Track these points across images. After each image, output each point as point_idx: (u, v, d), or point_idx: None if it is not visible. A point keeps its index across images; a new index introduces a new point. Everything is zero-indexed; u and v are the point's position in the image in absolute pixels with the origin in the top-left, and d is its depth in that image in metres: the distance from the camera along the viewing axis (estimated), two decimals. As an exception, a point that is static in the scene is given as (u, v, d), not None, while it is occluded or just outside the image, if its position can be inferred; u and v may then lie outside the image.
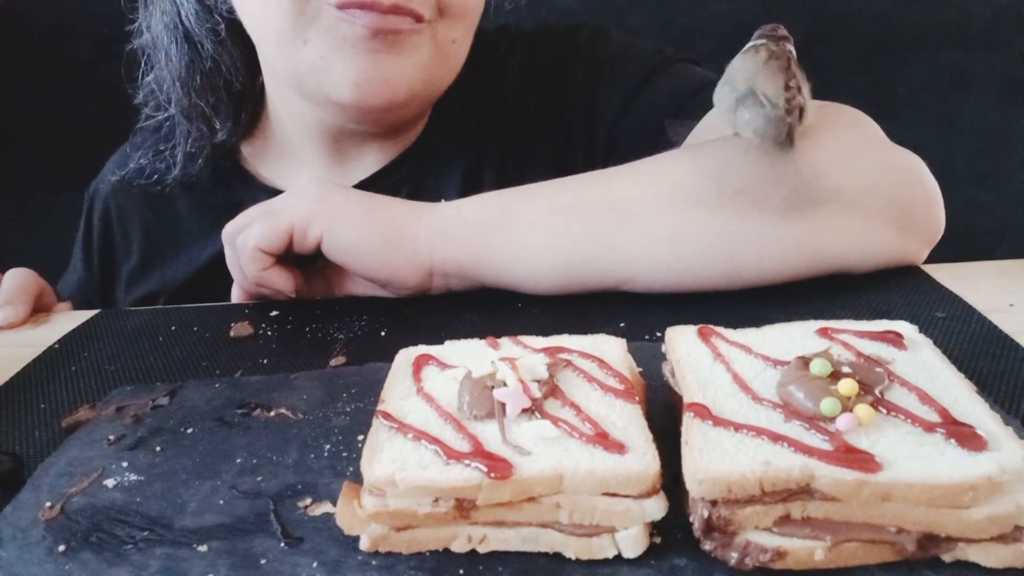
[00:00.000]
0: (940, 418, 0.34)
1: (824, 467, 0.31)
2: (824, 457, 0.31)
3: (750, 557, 0.32)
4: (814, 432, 0.33)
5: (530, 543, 0.34)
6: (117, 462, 0.42)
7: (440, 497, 0.33)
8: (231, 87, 0.75)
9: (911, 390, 0.36)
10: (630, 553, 0.33)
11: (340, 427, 0.44)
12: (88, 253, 0.86)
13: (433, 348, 0.44)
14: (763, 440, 0.33)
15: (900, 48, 1.36)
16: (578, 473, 0.33)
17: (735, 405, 0.36)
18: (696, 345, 0.41)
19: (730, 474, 0.31)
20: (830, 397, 0.34)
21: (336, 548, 0.35)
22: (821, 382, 0.35)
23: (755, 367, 0.39)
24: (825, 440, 0.33)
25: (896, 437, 0.33)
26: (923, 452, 0.32)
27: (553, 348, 0.43)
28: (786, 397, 0.35)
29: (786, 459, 0.32)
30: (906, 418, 0.34)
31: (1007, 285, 0.60)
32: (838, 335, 0.41)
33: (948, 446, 0.32)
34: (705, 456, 0.32)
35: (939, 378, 0.37)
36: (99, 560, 0.35)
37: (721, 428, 0.34)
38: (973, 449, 0.32)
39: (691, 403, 0.36)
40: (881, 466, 0.31)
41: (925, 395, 0.35)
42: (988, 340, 0.50)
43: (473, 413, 0.37)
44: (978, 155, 1.43)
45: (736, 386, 0.37)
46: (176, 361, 0.55)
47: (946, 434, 0.33)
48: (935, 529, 0.31)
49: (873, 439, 0.33)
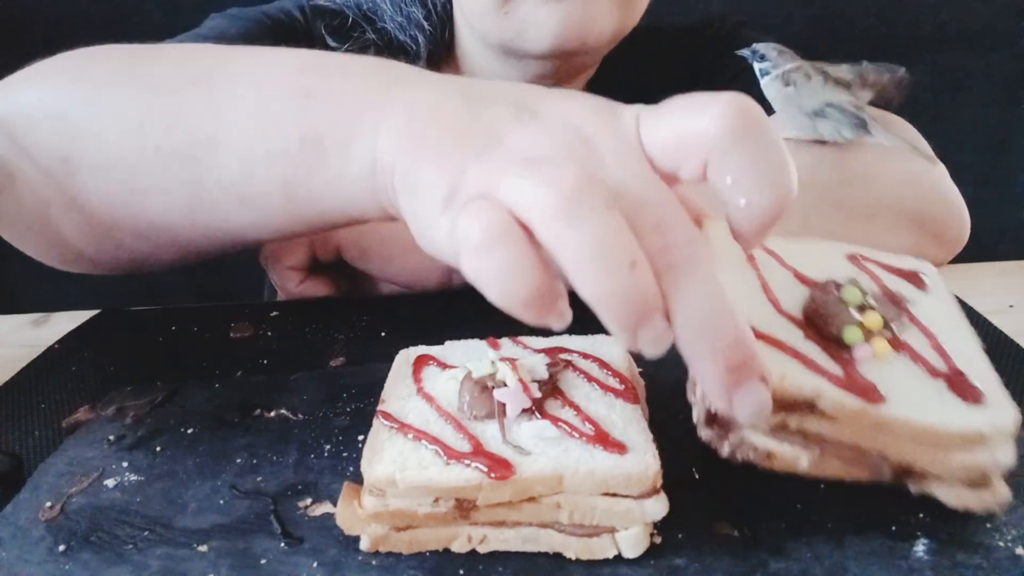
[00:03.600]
0: (946, 366, 0.35)
1: (832, 389, 0.33)
2: (835, 380, 0.33)
3: (741, 452, 0.34)
4: (828, 356, 0.35)
5: (530, 543, 0.34)
6: (117, 462, 0.42)
7: (440, 497, 0.33)
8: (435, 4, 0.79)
9: (925, 334, 0.37)
10: (630, 553, 0.34)
11: (340, 427, 0.44)
12: None
13: (433, 348, 0.44)
14: (779, 354, 0.34)
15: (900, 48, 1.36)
16: (578, 473, 0.33)
17: (759, 314, 0.36)
18: (731, 241, 0.38)
19: None
20: (853, 326, 0.35)
21: (336, 548, 0.35)
22: (848, 310, 0.36)
23: (783, 279, 0.39)
24: (838, 366, 0.34)
25: (903, 375, 0.35)
26: (925, 395, 0.34)
27: (553, 348, 0.43)
28: (811, 315, 0.37)
29: (799, 375, 0.33)
30: (915, 360, 0.36)
31: (1007, 286, 0.61)
32: (867, 263, 0.42)
33: (948, 394, 0.34)
34: None
35: (951, 327, 0.38)
36: (99, 560, 0.35)
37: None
38: (970, 402, 0.34)
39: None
40: (884, 399, 0.33)
41: (937, 342, 0.37)
42: (988, 341, 0.50)
43: (473, 413, 0.37)
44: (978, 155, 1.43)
45: (763, 295, 0.38)
46: (176, 361, 0.55)
47: (948, 383, 0.34)
48: (914, 464, 0.33)
49: (882, 373, 0.34)
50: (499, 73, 0.80)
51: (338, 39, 0.79)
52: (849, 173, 0.60)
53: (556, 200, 0.29)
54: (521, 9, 0.68)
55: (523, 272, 0.29)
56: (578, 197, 0.29)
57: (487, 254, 0.30)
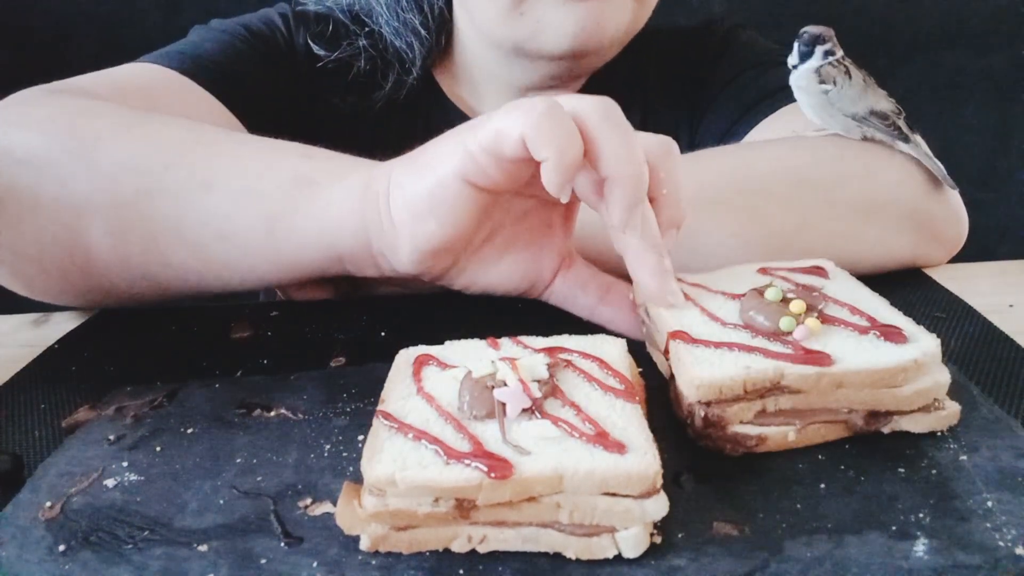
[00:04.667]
0: (870, 323, 0.43)
1: (791, 366, 0.39)
2: (790, 359, 0.39)
3: (739, 444, 0.39)
4: (777, 343, 0.41)
5: (530, 543, 0.34)
6: (117, 462, 0.42)
7: (440, 497, 0.33)
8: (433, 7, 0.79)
9: (842, 305, 0.45)
10: (630, 553, 0.34)
11: (340, 427, 0.44)
12: None
13: (433, 348, 0.44)
14: (739, 352, 0.40)
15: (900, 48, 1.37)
16: (578, 473, 0.33)
17: (709, 330, 0.43)
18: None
19: (721, 379, 0.38)
20: (786, 316, 0.42)
21: (336, 548, 0.35)
22: (776, 305, 0.43)
23: (716, 300, 0.46)
24: (788, 348, 0.41)
25: (840, 340, 0.41)
26: (863, 348, 0.41)
27: (553, 348, 0.43)
28: (749, 321, 0.43)
29: (761, 363, 0.39)
30: (845, 326, 0.42)
31: (1007, 285, 0.61)
32: (776, 272, 0.49)
33: (880, 342, 0.41)
34: (696, 368, 0.39)
35: (861, 296, 0.46)
36: (99, 560, 0.35)
37: (703, 346, 0.41)
38: (899, 342, 0.41)
39: (673, 332, 0.43)
40: (833, 360, 0.39)
41: (855, 308, 0.44)
42: (988, 340, 0.50)
43: (473, 413, 0.37)
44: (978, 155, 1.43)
45: (705, 316, 0.44)
46: (176, 361, 0.55)
47: (878, 334, 0.41)
48: (877, 406, 0.40)
49: (823, 342, 0.41)
50: (504, 77, 0.79)
51: (325, 47, 0.78)
52: (847, 171, 0.60)
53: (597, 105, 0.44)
54: (537, 10, 0.68)
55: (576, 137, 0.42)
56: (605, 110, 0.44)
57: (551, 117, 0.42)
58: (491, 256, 0.54)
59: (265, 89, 0.76)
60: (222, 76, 0.72)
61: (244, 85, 0.73)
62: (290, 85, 0.79)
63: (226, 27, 0.78)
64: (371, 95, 0.80)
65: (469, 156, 0.46)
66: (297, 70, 0.79)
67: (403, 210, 0.49)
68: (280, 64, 0.78)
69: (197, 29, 0.78)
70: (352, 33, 0.79)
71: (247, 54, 0.76)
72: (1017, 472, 0.38)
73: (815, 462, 0.39)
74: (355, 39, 0.79)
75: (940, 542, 0.34)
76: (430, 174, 0.48)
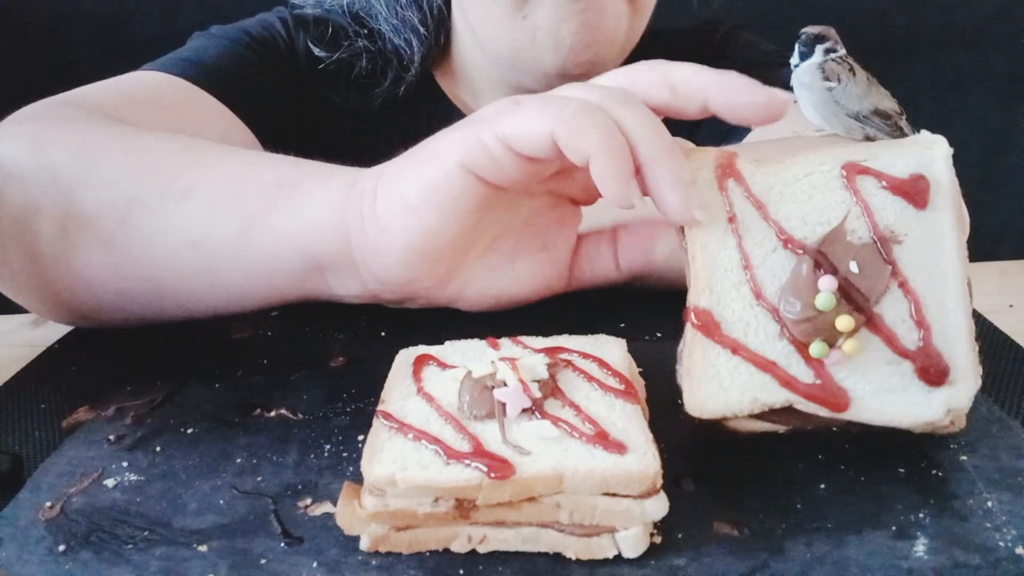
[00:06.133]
0: (920, 343, 0.37)
1: (802, 401, 0.36)
2: (804, 394, 0.36)
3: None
4: (800, 359, 0.37)
5: (530, 543, 0.34)
6: (117, 462, 0.42)
7: (440, 497, 0.33)
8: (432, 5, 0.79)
9: (907, 295, 0.38)
10: (630, 553, 0.34)
11: (340, 427, 0.44)
12: None
13: (433, 348, 0.44)
14: (754, 370, 0.37)
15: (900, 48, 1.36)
16: (578, 473, 0.33)
17: (737, 305, 0.38)
18: (713, 191, 0.41)
19: (724, 411, 0.37)
20: (821, 343, 0.37)
21: (336, 548, 0.35)
22: (821, 317, 0.37)
23: (766, 245, 0.39)
24: (810, 370, 0.37)
25: (873, 364, 0.37)
26: (890, 388, 0.36)
27: (553, 348, 0.43)
28: (783, 315, 0.38)
29: (771, 393, 0.37)
30: (888, 342, 0.37)
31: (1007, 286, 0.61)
32: (863, 184, 0.40)
33: (913, 381, 0.37)
34: (703, 388, 0.37)
35: (939, 265, 0.38)
36: (99, 560, 0.35)
37: (719, 348, 0.38)
38: (935, 385, 0.36)
39: (697, 309, 0.38)
40: (849, 404, 0.36)
41: (918, 305, 0.37)
42: (988, 340, 0.50)
43: (473, 413, 0.37)
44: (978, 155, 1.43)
45: (743, 273, 0.39)
46: (176, 361, 0.55)
47: (916, 366, 0.37)
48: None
49: (854, 365, 0.37)
50: (499, 79, 0.79)
51: (325, 49, 0.78)
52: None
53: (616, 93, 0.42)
54: (538, 15, 0.67)
55: (619, 135, 0.39)
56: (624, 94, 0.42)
57: (591, 116, 0.39)
58: (499, 263, 0.51)
59: (269, 93, 0.76)
60: (227, 82, 0.72)
61: (249, 90, 0.73)
62: (293, 88, 0.79)
63: (227, 33, 0.78)
64: (371, 92, 0.80)
65: (482, 147, 0.42)
66: (299, 73, 0.79)
67: (395, 202, 0.45)
68: (282, 68, 0.78)
69: (197, 36, 0.78)
70: (352, 33, 0.79)
71: (250, 59, 0.76)
72: (1017, 472, 0.38)
73: (815, 462, 0.39)
74: (354, 39, 0.79)
75: (940, 542, 0.34)
76: (433, 163, 0.45)
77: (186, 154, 0.54)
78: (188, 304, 0.54)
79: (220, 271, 0.51)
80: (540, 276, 0.52)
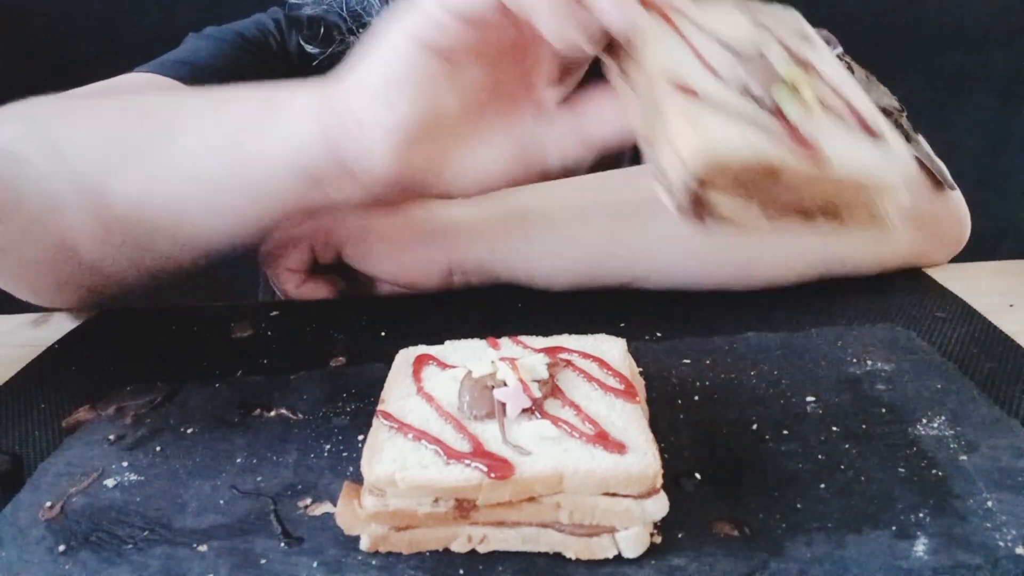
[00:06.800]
0: (850, 114, 0.39)
1: (788, 154, 0.36)
2: (790, 146, 0.36)
3: (714, 219, 0.38)
4: (776, 121, 0.38)
5: (530, 543, 0.34)
6: (117, 462, 0.42)
7: (440, 497, 0.33)
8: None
9: (832, 90, 0.40)
10: (630, 553, 0.34)
11: (340, 427, 0.44)
12: None
13: (433, 348, 0.44)
14: (744, 125, 0.37)
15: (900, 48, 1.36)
16: (578, 473, 0.33)
17: (704, 84, 0.39)
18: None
19: (727, 147, 0.36)
20: (792, 103, 0.38)
21: (336, 548, 0.35)
22: (784, 84, 0.39)
23: (708, 44, 0.41)
24: (783, 130, 0.37)
25: (829, 127, 0.38)
26: (851, 139, 0.38)
27: (553, 348, 0.43)
28: (746, 88, 0.39)
29: (762, 147, 0.36)
30: (840, 115, 0.39)
31: (1007, 285, 0.61)
32: (769, 25, 0.43)
33: (863, 137, 0.38)
34: (701, 128, 0.36)
35: (843, 75, 0.42)
36: (99, 560, 0.35)
37: (704, 106, 0.37)
38: (872, 135, 0.39)
39: (678, 83, 0.38)
40: (825, 155, 0.37)
41: (843, 96, 0.40)
42: (988, 340, 0.50)
43: (473, 413, 0.37)
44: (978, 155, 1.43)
45: (699, 62, 0.40)
46: (176, 361, 0.55)
47: (859, 126, 0.39)
48: (832, 198, 0.38)
49: (815, 128, 0.38)
50: None
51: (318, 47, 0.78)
52: None
53: None
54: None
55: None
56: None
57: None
58: (473, 136, 0.49)
59: None
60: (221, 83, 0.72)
61: None
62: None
63: (221, 34, 0.78)
64: None
65: (427, 18, 0.42)
66: (292, 72, 0.79)
67: (362, 92, 0.45)
68: (274, 68, 0.78)
69: (192, 37, 0.78)
70: (345, 31, 0.79)
71: (243, 60, 0.76)
72: (1017, 472, 0.38)
73: (815, 462, 0.39)
74: (347, 36, 0.79)
75: (940, 542, 0.34)
76: (384, 45, 0.44)
77: (164, 98, 0.56)
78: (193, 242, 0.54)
79: (221, 199, 0.52)
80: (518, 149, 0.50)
